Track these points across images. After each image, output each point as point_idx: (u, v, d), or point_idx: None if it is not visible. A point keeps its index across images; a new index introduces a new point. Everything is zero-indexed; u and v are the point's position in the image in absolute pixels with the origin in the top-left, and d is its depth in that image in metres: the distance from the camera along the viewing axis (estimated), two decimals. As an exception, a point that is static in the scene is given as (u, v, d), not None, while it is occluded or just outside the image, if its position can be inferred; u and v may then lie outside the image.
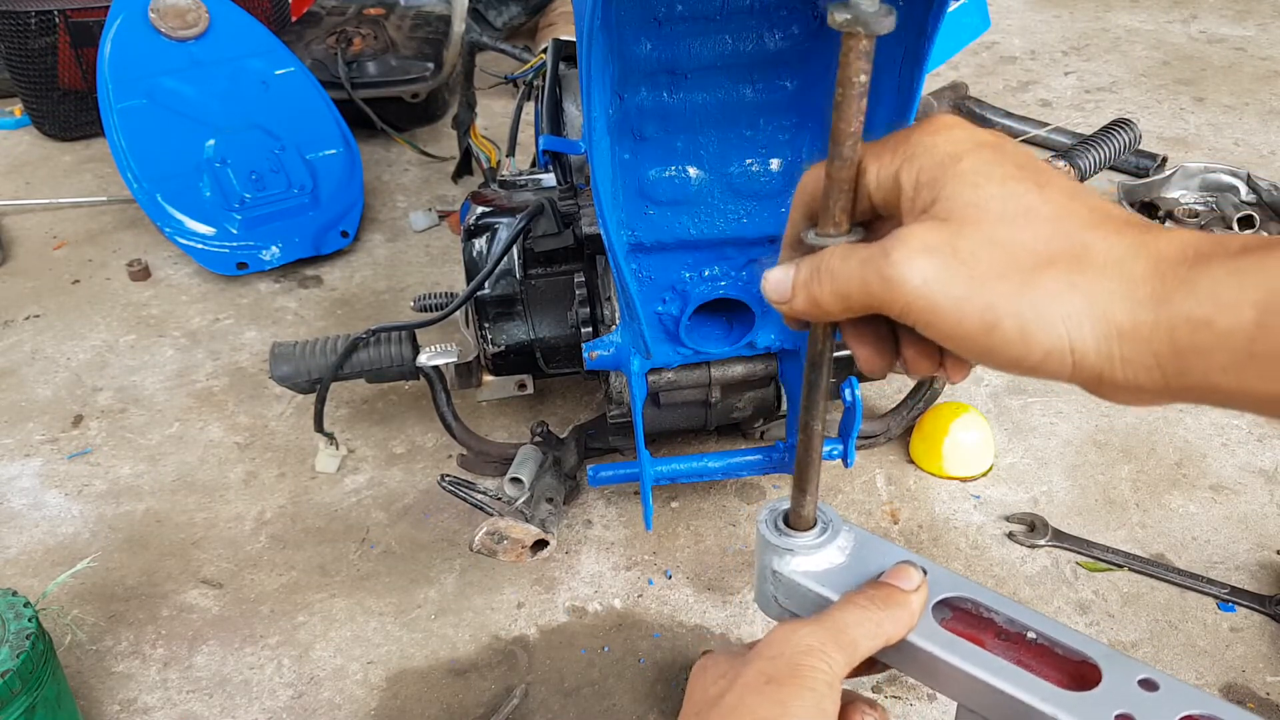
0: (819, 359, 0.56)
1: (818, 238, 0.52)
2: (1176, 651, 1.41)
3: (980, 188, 0.46)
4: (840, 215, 0.51)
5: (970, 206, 0.46)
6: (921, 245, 0.46)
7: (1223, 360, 0.41)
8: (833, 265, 0.50)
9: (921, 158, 0.48)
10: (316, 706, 1.39)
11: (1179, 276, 0.43)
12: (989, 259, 0.45)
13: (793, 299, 0.52)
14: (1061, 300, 0.44)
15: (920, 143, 0.49)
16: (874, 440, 1.76)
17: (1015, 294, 0.44)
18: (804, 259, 0.52)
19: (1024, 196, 0.46)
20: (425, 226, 2.53)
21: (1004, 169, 0.47)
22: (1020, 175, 0.47)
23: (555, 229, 1.53)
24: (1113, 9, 3.78)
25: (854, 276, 0.48)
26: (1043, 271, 0.44)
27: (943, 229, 0.46)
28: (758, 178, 1.20)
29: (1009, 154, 0.48)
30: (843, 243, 0.51)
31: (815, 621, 0.56)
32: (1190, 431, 1.79)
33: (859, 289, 0.48)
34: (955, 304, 0.45)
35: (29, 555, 1.64)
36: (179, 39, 2.31)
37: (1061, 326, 0.44)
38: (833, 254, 0.50)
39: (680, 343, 1.33)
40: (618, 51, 1.08)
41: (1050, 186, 0.46)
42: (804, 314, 0.53)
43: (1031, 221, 0.45)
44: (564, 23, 3.26)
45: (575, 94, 1.70)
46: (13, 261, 2.48)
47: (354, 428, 1.88)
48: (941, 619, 0.59)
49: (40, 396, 2.01)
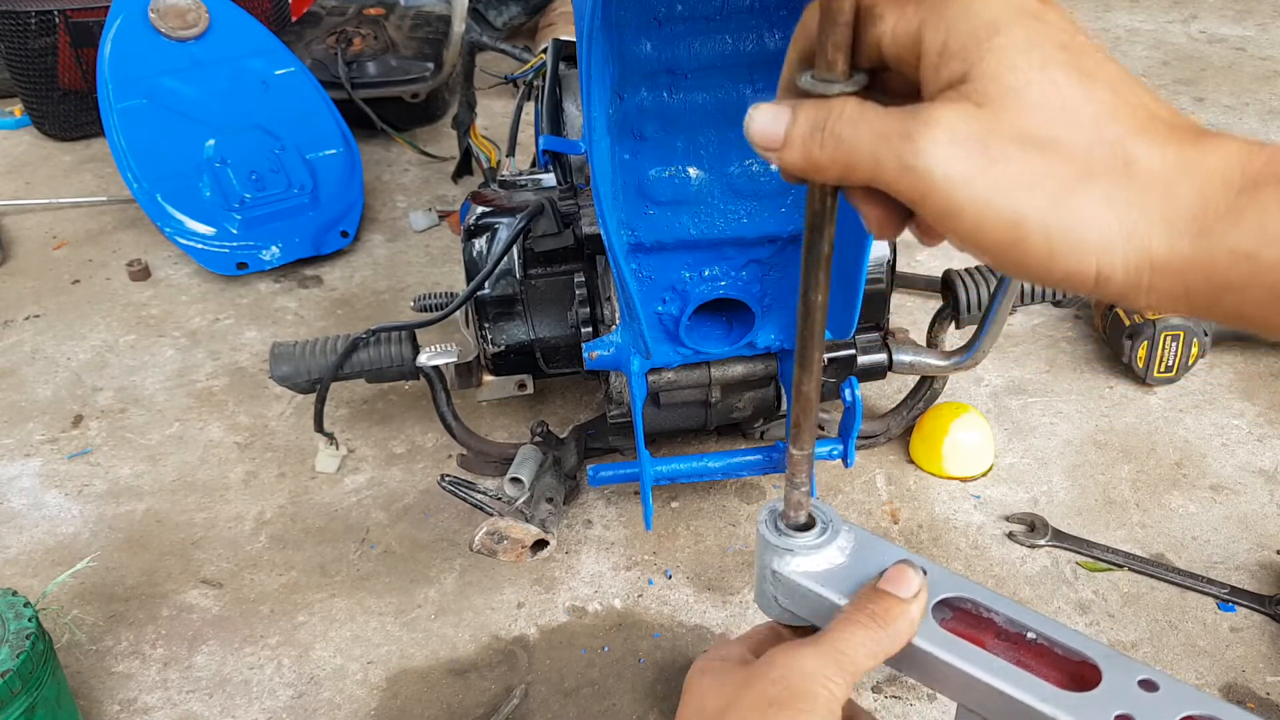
0: (819, 220, 0.50)
1: (814, 82, 0.45)
2: (1176, 651, 1.41)
3: (1018, 71, 0.41)
4: (836, 56, 0.44)
5: (1007, 93, 0.41)
6: (950, 135, 0.41)
7: (1259, 295, 0.39)
8: (839, 129, 0.44)
9: (953, 19, 0.42)
10: (316, 706, 1.39)
11: (1226, 203, 0.39)
12: (1021, 162, 0.40)
13: (784, 150, 0.46)
14: (1096, 222, 0.40)
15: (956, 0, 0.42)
16: (874, 440, 1.76)
17: (1047, 208, 0.40)
18: (802, 105, 0.45)
19: (1065, 88, 0.41)
20: (425, 226, 2.53)
21: (1045, 50, 0.41)
22: (1063, 60, 0.41)
23: (555, 229, 1.53)
24: (1113, 9, 3.78)
25: (864, 150, 0.43)
26: (1079, 185, 0.40)
27: (975, 117, 0.41)
28: (758, 178, 1.20)
29: (1052, 28, 0.42)
30: (842, 91, 0.45)
31: (816, 644, 0.55)
32: (1190, 431, 1.79)
33: (868, 165, 0.43)
34: (979, 209, 0.41)
35: (29, 555, 1.64)
36: (179, 39, 2.31)
37: (1092, 253, 0.41)
38: (839, 114, 0.44)
39: (680, 343, 1.33)
40: (618, 51, 1.08)
41: (1094, 78, 0.41)
42: (796, 170, 0.47)
43: (1071, 120, 0.41)
44: (564, 23, 3.26)
45: (575, 94, 1.70)
46: (13, 261, 2.48)
47: (354, 428, 1.88)
48: (941, 619, 0.59)
49: (40, 396, 2.01)
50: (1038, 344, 2.03)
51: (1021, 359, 1.99)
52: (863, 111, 0.43)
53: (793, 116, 0.45)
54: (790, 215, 1.24)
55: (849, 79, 0.45)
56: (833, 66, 0.45)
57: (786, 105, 0.46)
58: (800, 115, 0.45)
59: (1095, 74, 0.41)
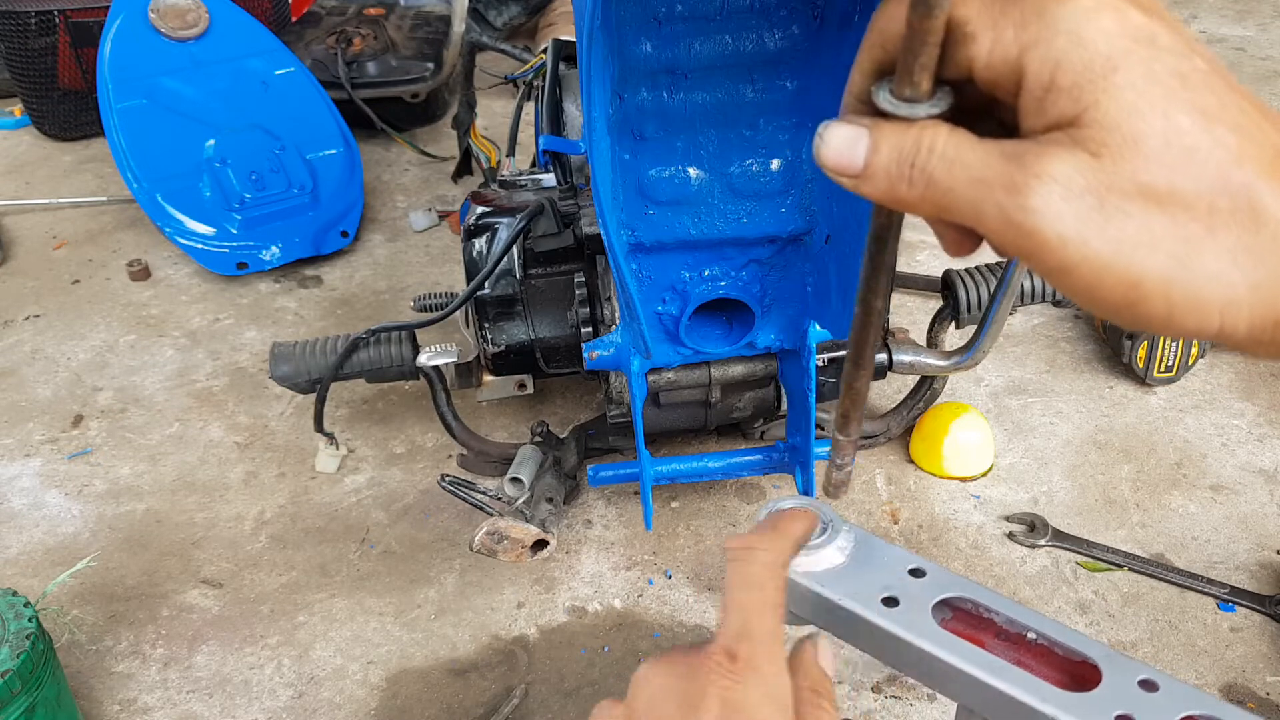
0: (884, 233, 0.46)
1: (895, 102, 0.41)
2: (1176, 651, 1.41)
3: (1139, 116, 0.37)
4: (921, 76, 0.40)
5: (1126, 142, 0.37)
6: (1064, 190, 0.37)
7: None
8: (933, 169, 0.39)
9: (1063, 48, 0.37)
10: (316, 706, 1.39)
11: None
12: (1142, 219, 0.37)
13: (863, 181, 0.41)
14: (1221, 280, 0.37)
15: (1060, 20, 0.38)
16: (874, 440, 1.76)
17: (1168, 267, 0.37)
18: (883, 130, 0.41)
19: (1188, 133, 0.37)
20: (425, 226, 2.53)
21: (1165, 86, 0.37)
22: (1185, 98, 0.37)
23: (555, 229, 1.53)
24: (1113, 9, 3.78)
25: (962, 195, 0.39)
26: (1203, 242, 0.37)
27: (1091, 169, 0.37)
28: (758, 178, 1.20)
29: (1168, 54, 0.38)
30: (929, 114, 0.40)
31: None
32: (1190, 431, 1.79)
33: (966, 212, 0.39)
34: (1095, 269, 0.38)
35: (29, 555, 1.64)
36: (179, 39, 2.31)
37: (1215, 311, 0.38)
38: (931, 150, 0.40)
39: (680, 343, 1.33)
40: (618, 51, 1.08)
41: (1218, 118, 0.37)
42: (876, 199, 0.42)
43: (1195, 168, 0.37)
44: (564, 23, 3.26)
45: (575, 94, 1.70)
46: (13, 261, 2.48)
47: (354, 428, 1.88)
48: (941, 619, 0.59)
49: (40, 396, 2.01)
50: (1038, 344, 2.03)
51: (1021, 359, 1.99)
52: (958, 149, 0.39)
53: (873, 143, 0.41)
54: (790, 215, 1.24)
55: (934, 98, 0.41)
56: (917, 85, 0.40)
57: (863, 127, 0.41)
58: (883, 143, 0.41)
59: (1218, 112, 0.38)
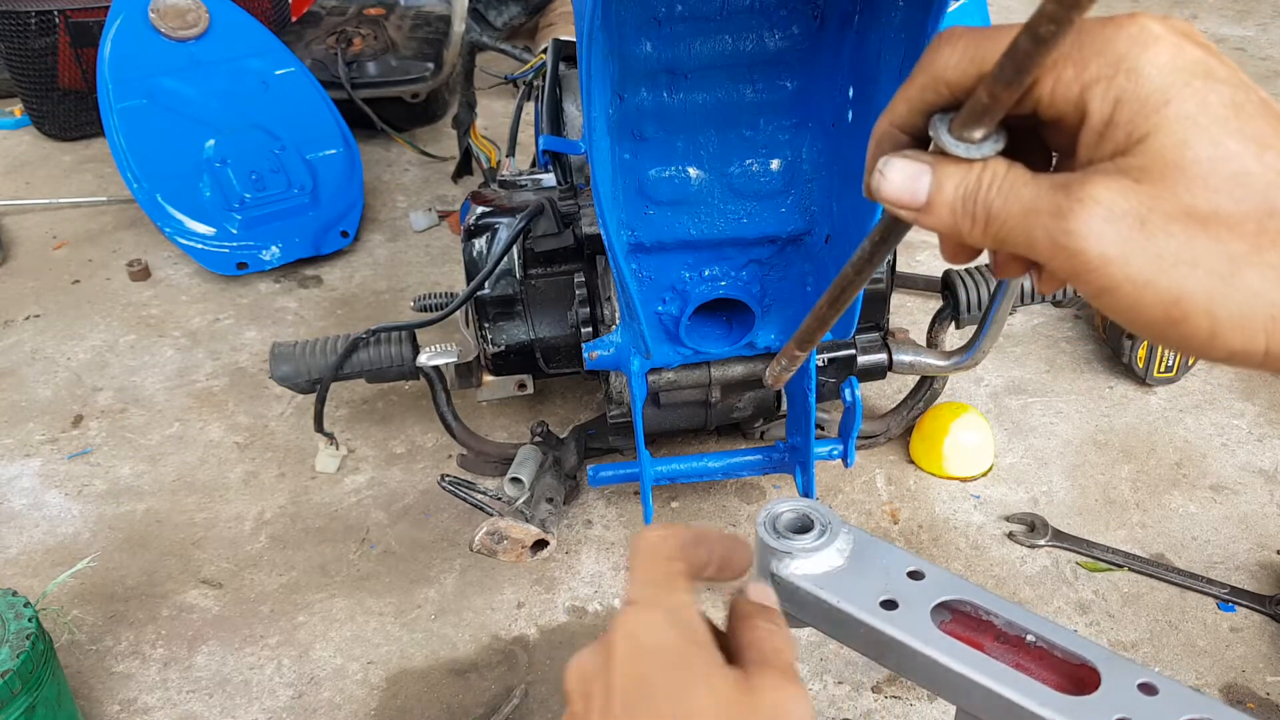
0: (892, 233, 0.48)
1: (959, 144, 0.41)
2: (1176, 651, 1.40)
3: (1188, 145, 0.38)
4: (990, 119, 0.40)
5: (1170, 168, 0.38)
6: (1106, 212, 0.38)
7: None
8: (992, 202, 0.41)
9: (1122, 88, 0.39)
10: (316, 706, 1.39)
11: None
12: (1183, 238, 0.38)
13: (925, 215, 0.43)
14: (1265, 299, 0.38)
15: (1123, 59, 0.39)
16: (874, 440, 1.76)
17: (1210, 286, 0.38)
18: (945, 167, 0.42)
19: (1236, 159, 0.38)
20: (425, 226, 2.53)
21: (1217, 116, 0.38)
22: (1236, 127, 0.38)
23: (555, 229, 1.53)
24: (1112, 9, 3.77)
25: (1016, 225, 0.41)
26: (1246, 261, 0.38)
27: (1133, 193, 0.38)
28: (758, 178, 1.20)
29: (1222, 85, 0.39)
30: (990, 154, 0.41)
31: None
32: (1190, 431, 1.79)
33: (1020, 240, 0.41)
34: (1137, 287, 0.39)
35: (29, 555, 1.64)
36: (179, 39, 2.31)
37: (1260, 331, 0.38)
38: (990, 185, 0.41)
39: (680, 343, 1.33)
40: (618, 51, 1.08)
41: (1268, 144, 0.38)
42: (934, 230, 0.43)
43: (1241, 191, 0.38)
44: (564, 23, 3.26)
45: (575, 94, 1.70)
46: (13, 261, 2.48)
47: (354, 428, 1.88)
48: (940, 622, 0.59)
49: (40, 396, 2.01)
50: (1038, 344, 2.03)
51: (1021, 359, 1.99)
52: (1013, 182, 0.41)
53: (935, 180, 0.42)
54: (790, 215, 1.24)
55: (994, 139, 0.41)
56: (984, 125, 0.41)
57: (924, 164, 0.43)
58: (945, 181, 0.42)
59: (1272, 140, 0.38)
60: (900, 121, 0.45)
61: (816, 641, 1.43)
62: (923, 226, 0.44)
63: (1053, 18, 0.35)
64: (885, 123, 0.45)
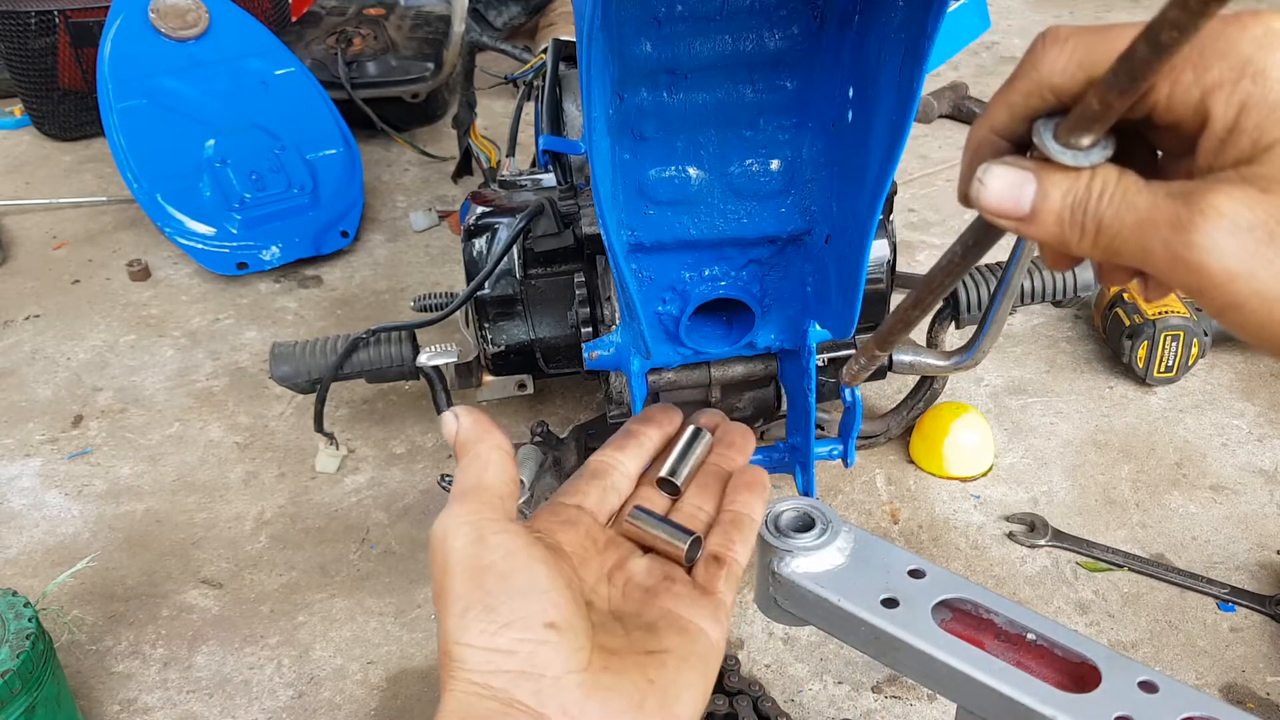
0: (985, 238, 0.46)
1: (1066, 151, 0.39)
2: (1176, 652, 1.40)
3: None
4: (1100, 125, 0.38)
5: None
6: (1231, 225, 0.36)
7: None
8: (1104, 213, 0.39)
9: (1248, 93, 0.37)
10: (316, 706, 1.39)
11: None
12: None
13: (1029, 225, 0.41)
14: None
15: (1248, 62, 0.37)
16: (874, 440, 1.76)
17: None
18: (1050, 175, 0.40)
19: None
20: (425, 226, 2.53)
21: None
22: None
23: (555, 229, 1.53)
24: (1113, 9, 3.78)
25: (1130, 237, 0.39)
26: None
27: (1260, 204, 0.36)
28: (758, 178, 1.20)
29: None
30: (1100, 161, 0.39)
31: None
32: (1190, 431, 1.79)
33: (1134, 253, 0.39)
34: (1266, 303, 0.37)
35: (29, 555, 1.64)
36: (179, 39, 2.31)
37: None
38: (1101, 195, 0.39)
39: (680, 343, 1.33)
40: (618, 51, 1.08)
41: None
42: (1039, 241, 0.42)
43: None
44: (564, 23, 3.26)
45: (575, 94, 1.70)
46: (13, 261, 2.48)
47: (354, 428, 1.88)
48: (941, 620, 0.59)
49: (40, 396, 2.01)
50: (1038, 344, 2.03)
51: (1021, 359, 1.99)
52: (1125, 191, 0.39)
53: (1040, 188, 0.40)
54: (790, 215, 1.24)
55: (1103, 145, 0.39)
56: (1093, 132, 0.39)
57: (1027, 170, 0.41)
58: (1052, 190, 0.40)
59: None
60: (1000, 128, 0.43)
61: (817, 641, 1.43)
62: (1025, 236, 0.42)
63: (1176, 24, 0.32)
64: (984, 128, 0.43)
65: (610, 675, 0.48)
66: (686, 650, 0.51)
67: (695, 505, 0.59)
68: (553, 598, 0.49)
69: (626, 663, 0.49)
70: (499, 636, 0.47)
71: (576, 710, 0.46)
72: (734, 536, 0.56)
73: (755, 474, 0.61)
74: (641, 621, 0.52)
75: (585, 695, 0.47)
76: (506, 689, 0.47)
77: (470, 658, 0.47)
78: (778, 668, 1.40)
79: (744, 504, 0.58)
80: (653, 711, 0.47)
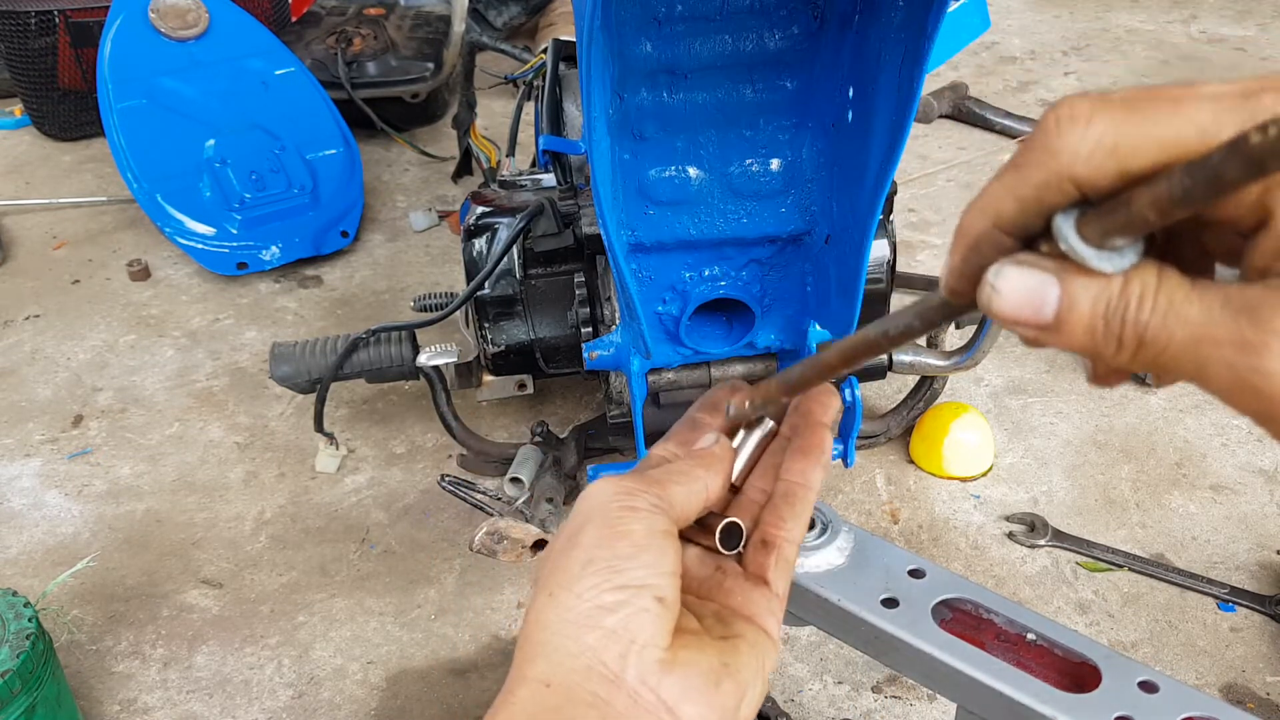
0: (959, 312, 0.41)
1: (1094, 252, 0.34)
2: (1176, 651, 1.40)
3: None
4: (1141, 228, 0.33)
5: None
6: None
7: None
8: (1146, 323, 0.34)
9: None
10: (316, 706, 1.39)
11: None
12: None
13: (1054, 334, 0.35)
14: None
15: None
16: (874, 440, 1.76)
17: None
18: (1077, 279, 0.35)
19: None
20: (425, 226, 2.53)
21: None
22: None
23: (555, 229, 1.53)
24: (1113, 9, 3.78)
25: (1182, 353, 0.33)
26: None
27: None
28: (758, 178, 1.20)
29: None
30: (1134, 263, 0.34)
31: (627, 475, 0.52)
32: (1190, 431, 1.79)
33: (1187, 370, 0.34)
34: None
35: (29, 555, 1.64)
36: (179, 39, 2.31)
37: None
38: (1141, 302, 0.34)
39: (680, 343, 1.33)
40: (618, 51, 1.08)
41: None
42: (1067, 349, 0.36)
43: None
44: (564, 23, 3.26)
45: (575, 94, 1.70)
46: (13, 261, 2.48)
47: (354, 428, 1.88)
48: (941, 620, 0.59)
49: (40, 396, 2.01)
50: (1038, 344, 2.03)
51: (1021, 359, 1.99)
52: (1171, 298, 0.33)
53: (1067, 296, 0.35)
54: (790, 215, 1.24)
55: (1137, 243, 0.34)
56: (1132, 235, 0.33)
57: (1049, 273, 0.35)
58: (1079, 294, 0.34)
59: None
60: (1007, 224, 0.37)
61: (817, 641, 1.43)
62: (1051, 346, 0.36)
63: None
64: (984, 223, 0.37)
65: (689, 653, 0.48)
66: (755, 638, 0.51)
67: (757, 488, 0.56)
68: (671, 580, 0.49)
69: (705, 643, 0.49)
70: (610, 594, 0.47)
71: (654, 681, 0.47)
72: (784, 513, 0.53)
73: (813, 436, 0.55)
74: (708, 610, 0.52)
75: (664, 670, 0.47)
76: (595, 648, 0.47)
77: (575, 606, 0.47)
78: (778, 667, 1.41)
79: (799, 473, 0.54)
80: (729, 693, 0.48)
